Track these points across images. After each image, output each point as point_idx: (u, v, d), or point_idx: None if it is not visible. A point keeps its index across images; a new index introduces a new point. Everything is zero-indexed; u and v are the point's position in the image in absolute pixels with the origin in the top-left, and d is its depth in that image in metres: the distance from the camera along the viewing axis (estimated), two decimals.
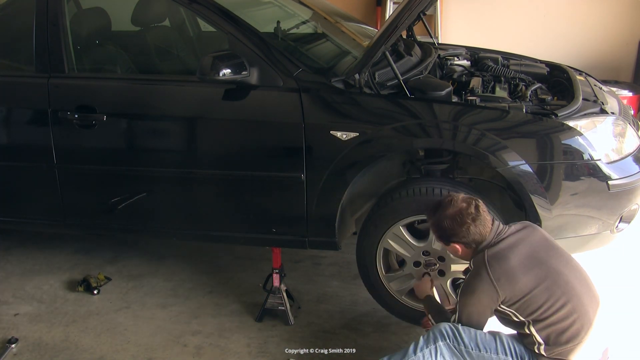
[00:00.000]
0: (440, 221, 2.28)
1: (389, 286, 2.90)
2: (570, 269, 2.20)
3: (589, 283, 2.22)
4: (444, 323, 2.28)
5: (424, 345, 2.24)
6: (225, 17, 2.88)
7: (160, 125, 3.03)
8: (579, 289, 2.15)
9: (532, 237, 2.25)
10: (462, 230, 2.23)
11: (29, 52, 3.11)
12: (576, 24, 5.82)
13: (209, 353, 2.85)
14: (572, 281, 2.15)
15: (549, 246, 2.25)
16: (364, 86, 2.75)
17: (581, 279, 2.20)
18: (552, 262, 2.18)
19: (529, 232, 2.27)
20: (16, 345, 2.91)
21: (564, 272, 2.16)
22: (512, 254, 2.17)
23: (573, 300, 2.12)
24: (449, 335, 2.22)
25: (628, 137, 2.85)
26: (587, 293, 2.18)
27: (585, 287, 2.19)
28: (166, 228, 3.24)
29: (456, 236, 2.26)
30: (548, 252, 2.21)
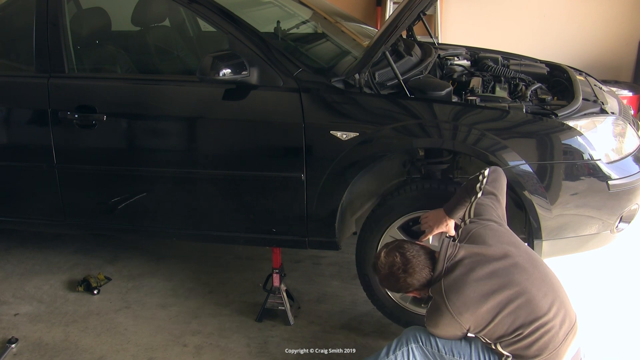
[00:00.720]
0: (381, 283, 2.30)
1: (391, 293, 2.89)
2: (525, 259, 2.11)
3: (541, 269, 2.13)
4: (416, 327, 2.27)
5: (396, 348, 2.23)
6: (225, 17, 2.88)
7: (161, 125, 3.03)
8: (543, 302, 2.06)
9: (476, 247, 2.14)
10: (400, 284, 2.20)
11: (29, 52, 3.11)
12: (576, 24, 5.83)
13: (209, 353, 2.85)
14: (536, 296, 2.05)
15: (494, 236, 2.14)
16: (364, 86, 2.75)
17: (545, 283, 2.09)
18: (515, 276, 2.07)
19: (471, 234, 2.17)
20: (16, 345, 2.91)
21: (527, 286, 2.06)
22: (470, 278, 2.07)
23: (539, 317, 2.04)
24: (422, 339, 2.21)
25: (628, 137, 2.85)
26: (542, 283, 2.08)
27: (541, 276, 2.10)
28: (166, 228, 3.24)
29: (403, 289, 2.23)
30: (507, 260, 2.10)
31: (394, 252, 2.21)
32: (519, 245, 2.19)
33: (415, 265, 2.18)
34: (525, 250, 2.19)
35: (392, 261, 2.19)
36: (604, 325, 2.95)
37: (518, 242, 2.22)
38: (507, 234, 2.23)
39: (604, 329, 2.93)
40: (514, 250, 2.14)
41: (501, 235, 2.20)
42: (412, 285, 2.20)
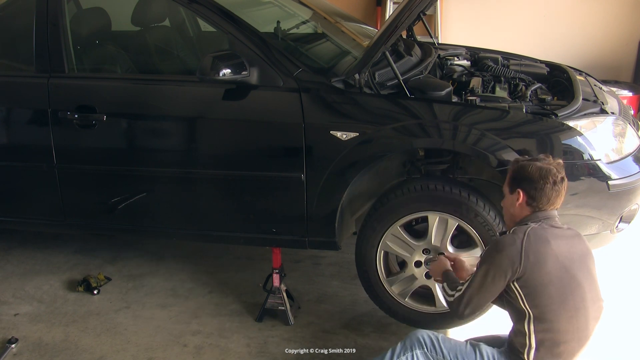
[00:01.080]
0: (527, 166, 2.19)
1: (390, 290, 2.90)
2: (591, 289, 2.14)
3: (599, 309, 2.17)
4: (421, 331, 2.24)
5: (401, 352, 2.21)
6: (225, 17, 2.88)
7: (161, 125, 3.03)
8: (590, 312, 2.11)
9: (576, 242, 2.19)
10: (540, 182, 2.14)
11: (29, 52, 3.11)
12: (576, 24, 5.82)
13: (209, 353, 2.85)
14: (587, 301, 2.10)
15: (585, 260, 2.18)
16: (364, 86, 2.75)
17: (596, 303, 2.15)
18: (580, 274, 2.12)
19: (576, 236, 2.21)
20: (16, 345, 2.91)
21: (585, 289, 2.11)
22: (554, 243, 2.11)
23: (580, 318, 2.09)
24: (427, 344, 2.20)
25: (628, 137, 2.85)
26: (594, 319, 2.14)
27: (596, 313, 2.14)
28: (166, 228, 3.24)
29: (530, 184, 2.16)
30: (581, 264, 2.15)
31: (563, 172, 2.20)
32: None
33: (559, 193, 2.18)
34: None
35: (557, 172, 2.17)
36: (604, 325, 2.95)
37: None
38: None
39: (603, 329, 2.92)
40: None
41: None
42: (537, 191, 2.15)
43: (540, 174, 2.16)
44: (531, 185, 2.16)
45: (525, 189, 2.18)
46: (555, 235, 2.14)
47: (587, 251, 2.20)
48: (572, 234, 2.20)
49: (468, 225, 2.70)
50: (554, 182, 2.15)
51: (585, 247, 2.21)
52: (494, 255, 2.13)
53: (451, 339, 2.24)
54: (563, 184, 2.18)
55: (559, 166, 2.20)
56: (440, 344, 2.20)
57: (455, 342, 2.22)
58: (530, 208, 2.19)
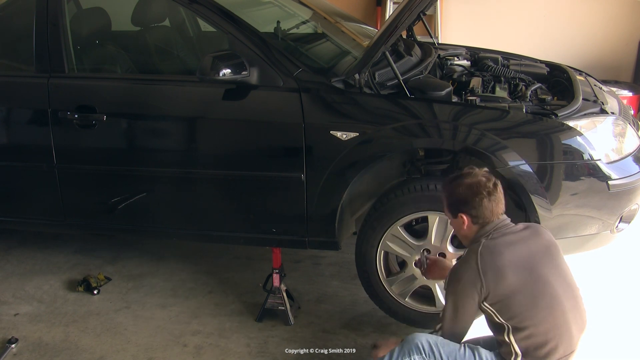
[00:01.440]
0: (456, 188, 2.22)
1: (390, 290, 2.90)
2: (561, 282, 2.14)
3: (578, 302, 2.17)
4: (420, 336, 2.24)
5: (398, 357, 2.21)
6: (225, 17, 2.88)
7: (161, 126, 3.03)
8: (565, 305, 2.10)
9: (534, 240, 2.19)
10: (475, 200, 2.17)
11: (29, 52, 3.11)
12: (576, 24, 5.82)
13: (209, 353, 2.85)
14: (559, 295, 2.10)
15: (548, 255, 2.18)
16: (364, 86, 2.75)
17: (571, 296, 2.14)
18: (545, 271, 2.12)
19: (533, 234, 2.22)
20: (16, 345, 2.91)
21: (554, 284, 2.11)
22: (508, 251, 2.12)
23: (556, 315, 2.08)
24: (425, 350, 2.19)
25: (628, 137, 2.85)
26: (574, 310, 2.13)
27: (573, 304, 2.14)
28: (166, 228, 3.24)
29: (467, 206, 2.19)
30: (544, 260, 2.15)
31: (493, 178, 2.21)
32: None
33: (497, 200, 2.19)
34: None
35: (487, 181, 2.18)
36: (604, 325, 2.95)
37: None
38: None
39: (603, 329, 2.93)
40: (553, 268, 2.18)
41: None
42: (477, 209, 2.17)
43: (472, 191, 2.18)
44: (469, 206, 2.19)
45: (465, 211, 2.21)
46: (509, 242, 2.15)
47: (549, 245, 2.20)
48: (529, 233, 2.21)
49: None
50: (488, 194, 2.17)
51: (546, 240, 2.21)
52: (456, 286, 2.16)
53: (450, 343, 2.23)
54: (497, 190, 2.20)
55: (487, 175, 2.22)
56: (440, 348, 2.19)
57: (453, 347, 2.21)
58: (478, 225, 2.22)
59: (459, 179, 2.24)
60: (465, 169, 2.29)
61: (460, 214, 2.23)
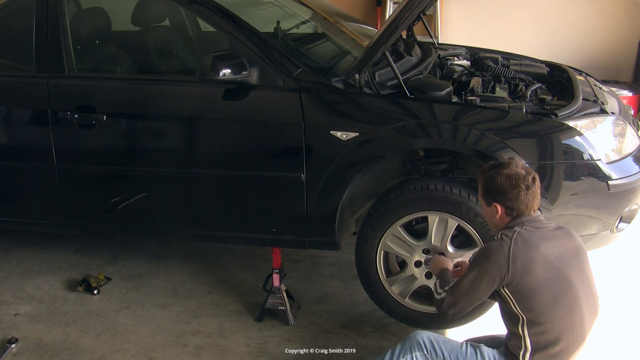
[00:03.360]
0: (494, 177, 2.17)
1: (390, 290, 2.90)
2: (584, 287, 2.13)
3: (596, 310, 2.17)
4: (421, 333, 2.24)
5: (400, 354, 2.21)
6: (225, 17, 2.88)
7: (161, 126, 3.03)
8: (585, 310, 2.10)
9: (566, 241, 2.17)
10: (513, 192, 2.14)
11: (29, 52, 3.11)
12: (576, 24, 5.82)
13: (209, 353, 2.85)
14: (581, 299, 2.10)
15: (577, 258, 2.16)
16: (364, 86, 2.75)
17: (590, 300, 2.14)
18: (571, 273, 2.11)
19: (565, 235, 2.19)
20: (16, 345, 2.91)
21: (578, 287, 2.10)
22: (542, 246, 2.09)
23: (574, 317, 2.08)
24: (427, 346, 2.19)
25: (628, 137, 2.85)
26: (591, 317, 2.13)
27: (592, 311, 2.14)
28: (166, 228, 3.24)
29: (503, 196, 2.16)
30: (572, 262, 2.14)
31: (532, 172, 2.19)
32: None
33: (534, 194, 2.17)
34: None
35: (526, 174, 2.16)
36: (604, 325, 2.95)
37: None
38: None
39: (603, 329, 2.93)
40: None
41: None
42: (512, 201, 2.15)
43: (510, 183, 2.15)
44: (505, 197, 2.16)
45: (501, 202, 2.18)
46: (543, 237, 2.13)
47: (578, 249, 2.18)
48: (561, 233, 2.19)
49: (468, 225, 2.70)
50: (526, 187, 2.15)
51: (577, 244, 2.19)
52: (482, 262, 2.14)
53: (451, 341, 2.24)
54: (535, 184, 2.18)
55: (526, 168, 2.20)
56: (441, 345, 2.19)
57: (455, 344, 2.22)
58: (511, 217, 2.19)
59: (498, 167, 2.21)
60: (506, 158, 2.26)
61: (495, 204, 2.19)
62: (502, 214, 2.19)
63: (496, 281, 2.10)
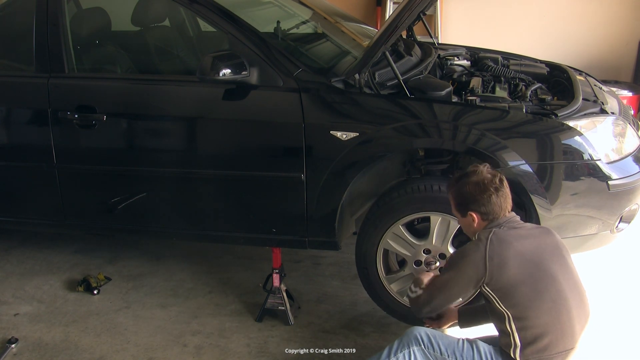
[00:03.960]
0: (463, 187, 2.22)
1: (389, 288, 2.90)
2: (568, 280, 2.14)
3: (583, 301, 2.17)
4: (419, 328, 2.25)
5: (397, 350, 2.22)
6: (225, 17, 2.88)
7: (161, 126, 3.03)
8: (571, 302, 2.10)
9: (544, 238, 2.20)
10: (484, 197, 2.17)
11: (29, 52, 3.11)
12: (576, 24, 5.82)
13: (209, 353, 2.85)
14: (565, 291, 2.10)
15: (558, 253, 2.18)
16: (364, 86, 2.75)
17: (577, 294, 2.14)
18: (553, 267, 2.12)
19: (542, 233, 2.23)
20: (16, 345, 2.91)
21: (561, 280, 2.11)
22: (517, 243, 2.13)
23: (560, 309, 2.08)
24: (424, 341, 2.20)
25: (628, 137, 2.85)
26: (578, 309, 2.13)
27: (578, 302, 2.14)
28: (166, 228, 3.24)
29: (476, 204, 2.19)
30: (552, 257, 2.16)
31: (498, 174, 2.23)
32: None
33: (505, 195, 2.20)
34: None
35: (493, 177, 2.20)
36: (604, 326, 2.95)
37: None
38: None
39: (603, 329, 2.93)
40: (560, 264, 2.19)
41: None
42: (485, 206, 2.18)
43: (479, 189, 2.19)
44: (478, 204, 2.20)
45: (475, 209, 2.22)
46: (518, 235, 2.16)
47: (558, 245, 2.21)
48: (538, 232, 2.23)
49: None
50: (496, 190, 2.19)
51: (556, 241, 2.22)
52: (459, 262, 2.18)
53: (448, 336, 2.25)
54: (504, 185, 2.21)
55: (491, 171, 2.23)
56: (438, 340, 2.20)
57: (452, 339, 2.23)
58: (487, 221, 2.23)
59: (464, 177, 2.24)
60: (469, 167, 2.30)
61: (470, 212, 2.23)
62: (478, 221, 2.24)
63: (473, 281, 2.13)
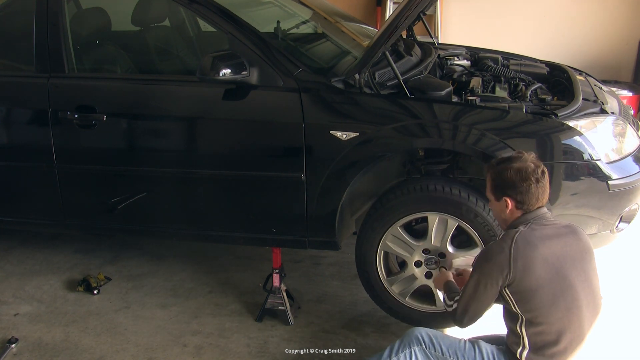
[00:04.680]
0: (504, 170, 2.15)
1: (391, 289, 2.90)
2: (585, 288, 2.11)
3: (596, 307, 2.16)
4: (420, 329, 2.25)
5: (399, 350, 2.21)
6: (225, 17, 2.88)
7: (161, 125, 3.03)
8: (584, 311, 2.09)
9: (572, 241, 2.15)
10: (523, 185, 2.12)
11: (29, 52, 3.11)
12: (576, 24, 5.82)
13: (209, 353, 2.85)
14: (581, 300, 2.09)
15: (581, 259, 2.14)
16: (364, 86, 2.75)
17: (590, 302, 2.13)
18: (572, 273, 2.09)
19: (570, 233, 2.17)
20: (16, 345, 2.91)
21: (577, 288, 2.09)
22: (543, 245, 2.08)
23: (572, 318, 2.08)
24: (425, 341, 2.20)
25: (628, 137, 2.85)
26: (590, 317, 2.12)
27: (592, 313, 2.13)
28: (166, 228, 3.24)
29: (513, 190, 2.13)
30: (575, 262, 2.12)
31: (542, 165, 2.17)
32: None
33: (544, 188, 2.15)
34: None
35: (536, 167, 2.14)
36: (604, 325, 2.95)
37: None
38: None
39: (603, 329, 2.93)
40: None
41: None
42: (523, 194, 2.13)
43: (521, 176, 2.13)
44: (515, 191, 2.14)
45: (511, 195, 2.16)
46: (545, 236, 2.12)
47: (584, 248, 2.16)
48: (566, 232, 2.17)
49: (468, 226, 2.69)
50: (536, 180, 2.13)
51: (582, 243, 2.17)
52: (484, 265, 2.14)
53: (450, 336, 2.25)
54: (545, 177, 2.16)
55: (535, 161, 2.18)
56: (439, 341, 2.20)
57: (453, 339, 2.23)
58: (521, 211, 2.18)
59: (507, 162, 2.19)
60: (515, 152, 2.25)
61: (505, 197, 2.17)
62: (512, 208, 2.17)
63: (499, 282, 2.09)
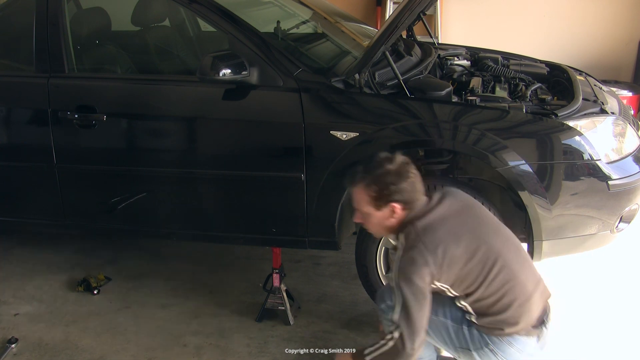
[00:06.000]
0: (383, 176, 2.06)
1: (387, 281, 2.90)
2: (498, 236, 2.10)
3: (510, 243, 2.13)
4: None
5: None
6: (225, 17, 2.88)
7: (161, 126, 3.03)
8: (512, 260, 2.07)
9: (456, 205, 2.12)
10: (407, 184, 2.05)
11: (29, 52, 3.11)
12: (576, 24, 5.82)
13: (209, 353, 2.85)
14: (500, 249, 2.05)
15: (474, 214, 2.14)
16: (364, 86, 2.75)
17: (511, 247, 2.11)
18: (480, 230, 2.07)
19: (451, 199, 2.14)
20: (16, 345, 2.91)
21: (491, 241, 2.06)
22: (443, 225, 2.04)
23: (505, 270, 2.04)
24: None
25: (628, 137, 2.85)
26: (520, 263, 2.10)
27: (511, 253, 2.10)
28: (166, 228, 3.24)
29: (399, 193, 2.05)
30: (474, 220, 2.11)
31: (408, 159, 2.12)
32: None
33: (419, 177, 2.10)
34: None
35: (408, 162, 2.09)
36: (603, 325, 2.95)
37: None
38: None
39: (603, 329, 2.93)
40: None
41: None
42: (409, 193, 2.06)
43: (400, 176, 2.06)
44: (402, 192, 2.06)
45: (398, 199, 2.07)
46: (440, 216, 2.06)
47: (467, 204, 2.17)
48: (448, 202, 2.12)
49: None
50: (414, 174, 2.10)
51: (463, 201, 2.17)
52: (410, 273, 1.99)
53: None
54: (415, 167, 2.11)
55: (399, 156, 2.11)
56: None
57: None
58: (407, 210, 2.09)
59: (381, 167, 2.08)
60: (380, 156, 2.14)
61: (391, 204, 2.07)
62: (399, 212, 2.09)
63: (431, 280, 2.02)
